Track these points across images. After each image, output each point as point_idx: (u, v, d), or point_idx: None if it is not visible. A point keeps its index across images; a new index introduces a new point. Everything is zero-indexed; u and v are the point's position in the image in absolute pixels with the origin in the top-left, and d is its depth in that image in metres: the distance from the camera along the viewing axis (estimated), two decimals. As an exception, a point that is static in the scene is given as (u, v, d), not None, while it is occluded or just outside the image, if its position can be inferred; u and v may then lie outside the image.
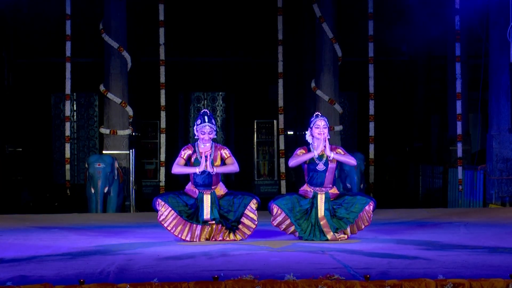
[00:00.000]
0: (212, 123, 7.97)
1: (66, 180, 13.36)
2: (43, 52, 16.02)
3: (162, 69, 13.33)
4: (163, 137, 13.45)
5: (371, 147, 13.88)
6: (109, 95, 13.09)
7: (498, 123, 12.60)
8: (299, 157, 8.00)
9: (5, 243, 7.84)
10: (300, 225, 7.91)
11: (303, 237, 7.90)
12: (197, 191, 7.92)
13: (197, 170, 7.82)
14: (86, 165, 12.47)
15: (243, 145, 17.73)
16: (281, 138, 14.10)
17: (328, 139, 8.02)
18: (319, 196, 7.93)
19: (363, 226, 8.01)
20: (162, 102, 13.30)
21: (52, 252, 7.22)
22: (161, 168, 13.43)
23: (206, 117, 7.95)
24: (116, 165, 12.44)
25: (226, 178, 15.98)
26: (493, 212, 11.16)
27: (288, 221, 7.95)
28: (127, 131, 13.18)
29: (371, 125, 13.91)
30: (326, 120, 8.11)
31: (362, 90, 15.73)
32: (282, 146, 14.06)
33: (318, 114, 8.17)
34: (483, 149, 13.74)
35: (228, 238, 7.89)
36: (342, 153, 8.07)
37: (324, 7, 13.47)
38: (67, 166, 13.34)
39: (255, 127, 17.54)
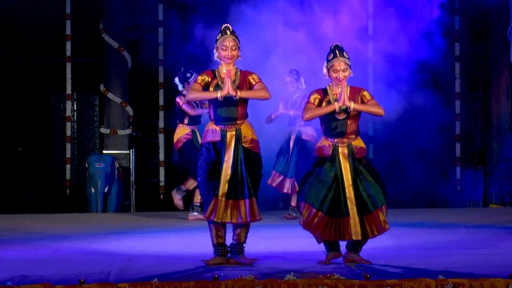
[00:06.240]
0: (235, 36, 6.49)
1: (66, 180, 13.35)
2: (43, 51, 15.98)
3: (161, 69, 13.34)
4: (161, 137, 13.42)
5: (371, 147, 13.84)
6: (109, 95, 13.12)
7: (498, 123, 12.59)
8: (315, 110, 6.32)
9: (5, 243, 7.84)
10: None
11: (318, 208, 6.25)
12: (218, 129, 6.40)
13: (218, 94, 6.24)
14: (86, 165, 12.47)
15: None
16: (282, 137, 14.06)
17: (348, 76, 6.34)
18: (340, 149, 6.32)
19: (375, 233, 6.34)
20: (161, 101, 13.31)
21: (52, 252, 7.23)
22: (160, 168, 13.39)
23: (228, 31, 6.46)
24: (116, 165, 12.45)
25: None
26: (493, 212, 11.16)
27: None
28: (127, 131, 13.20)
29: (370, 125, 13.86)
30: (347, 59, 6.34)
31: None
32: (283, 146, 14.00)
33: (337, 48, 6.37)
34: (483, 149, 13.73)
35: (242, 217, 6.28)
36: (368, 97, 6.34)
37: (324, 7, 13.44)
38: (68, 166, 13.34)
39: (256, 126, 17.49)
